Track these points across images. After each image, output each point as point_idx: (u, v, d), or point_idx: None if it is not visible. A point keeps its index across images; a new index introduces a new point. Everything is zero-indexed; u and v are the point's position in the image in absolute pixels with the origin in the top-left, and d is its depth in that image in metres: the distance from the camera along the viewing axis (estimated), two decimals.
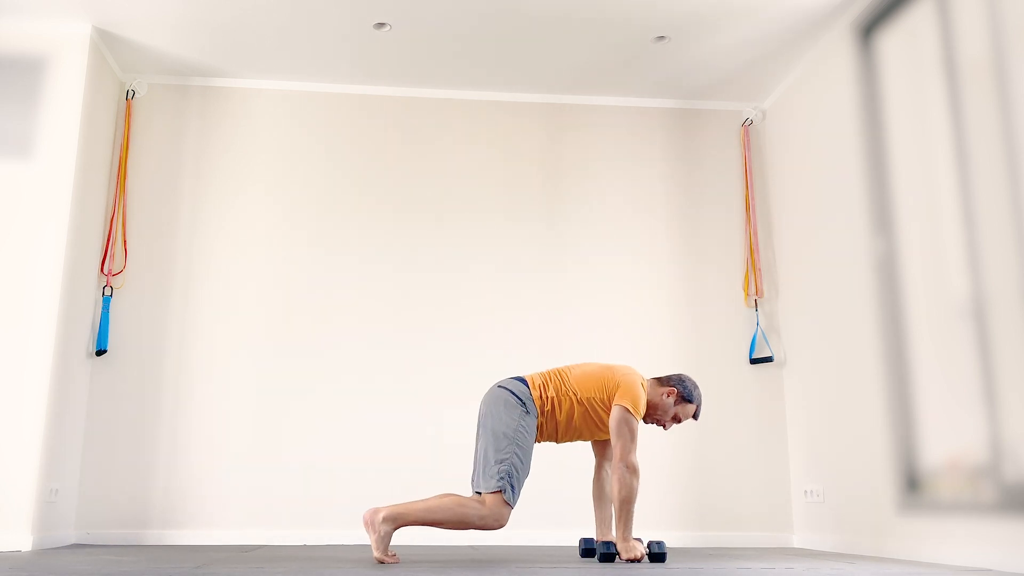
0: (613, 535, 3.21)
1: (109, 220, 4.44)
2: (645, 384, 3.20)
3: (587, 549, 3.31)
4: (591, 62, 4.51)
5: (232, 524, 4.20)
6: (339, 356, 4.45)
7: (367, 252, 4.59)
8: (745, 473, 4.47)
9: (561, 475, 4.25)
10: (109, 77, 4.47)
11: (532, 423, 3.08)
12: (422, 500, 2.99)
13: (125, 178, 4.51)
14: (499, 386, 3.18)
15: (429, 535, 4.18)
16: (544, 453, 4.40)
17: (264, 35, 4.26)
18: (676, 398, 3.22)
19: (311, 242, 4.58)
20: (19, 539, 3.57)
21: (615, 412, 3.05)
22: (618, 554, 3.05)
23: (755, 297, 4.67)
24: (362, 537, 4.18)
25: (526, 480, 3.06)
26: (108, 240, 4.40)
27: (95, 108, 4.25)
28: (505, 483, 2.96)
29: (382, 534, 2.90)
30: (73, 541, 4.08)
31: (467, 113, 4.84)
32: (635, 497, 3.04)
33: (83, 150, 4.09)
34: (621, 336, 4.60)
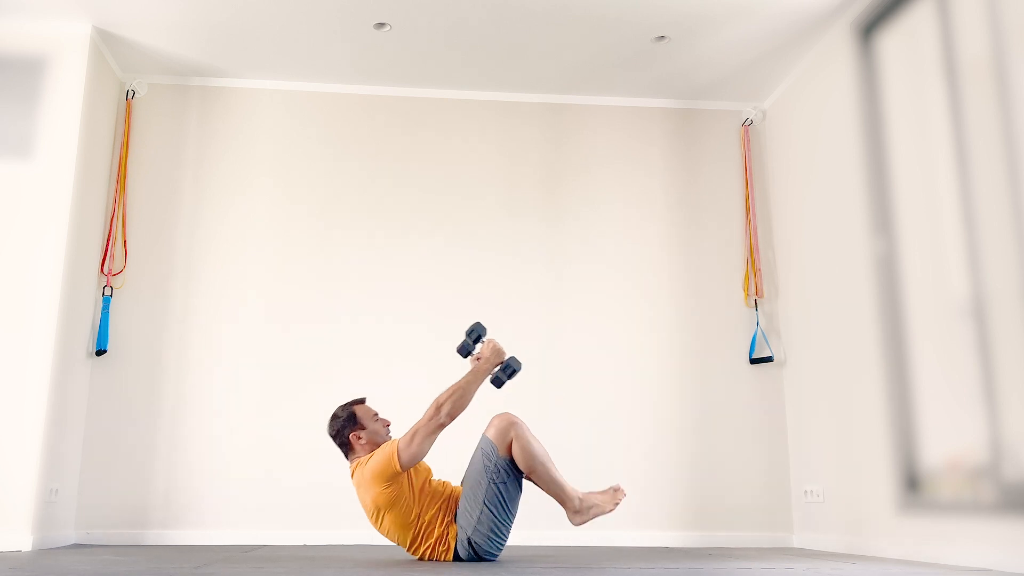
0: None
1: (109, 220, 4.44)
2: (358, 459, 3.06)
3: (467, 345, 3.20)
4: (591, 62, 4.51)
5: (232, 524, 4.20)
6: (339, 356, 4.45)
7: (367, 252, 4.59)
8: (745, 473, 4.47)
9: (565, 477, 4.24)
10: (109, 77, 4.47)
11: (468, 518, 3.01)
12: (544, 488, 3.03)
13: (125, 178, 4.51)
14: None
15: None
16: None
17: (264, 35, 4.26)
18: (357, 428, 3.08)
19: (311, 242, 4.58)
20: (19, 539, 3.57)
21: (404, 459, 2.92)
22: (505, 364, 3.06)
23: (755, 297, 4.67)
24: (362, 537, 4.19)
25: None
26: (108, 240, 4.40)
27: (95, 108, 4.25)
28: (491, 466, 2.99)
29: (590, 510, 2.98)
30: (73, 541, 4.08)
31: (467, 113, 4.84)
32: (452, 389, 3.00)
33: (83, 150, 4.09)
34: (621, 335, 4.60)
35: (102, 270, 4.37)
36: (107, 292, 4.34)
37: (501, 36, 4.26)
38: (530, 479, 3.10)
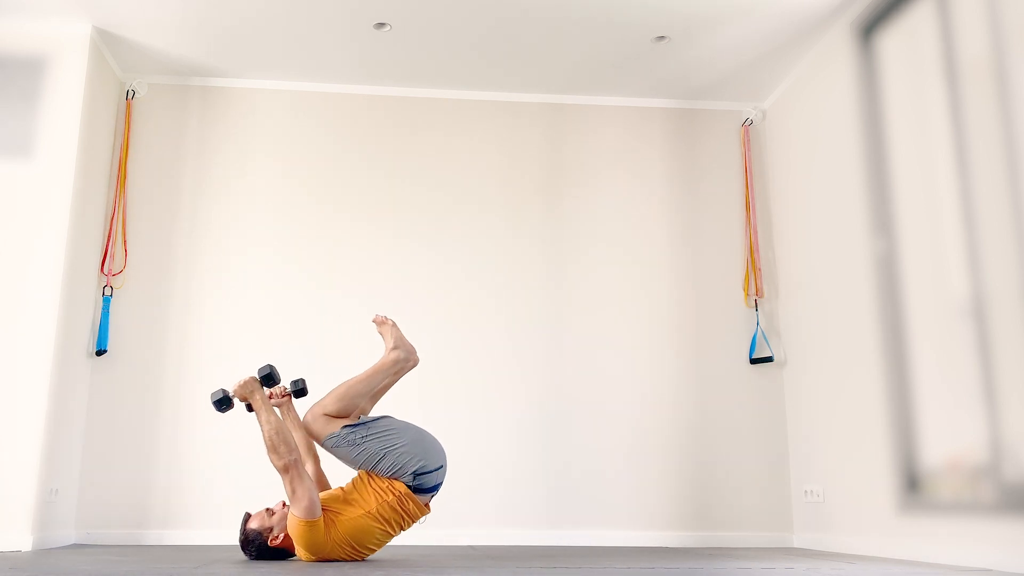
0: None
1: (109, 220, 4.44)
2: (271, 516, 3.07)
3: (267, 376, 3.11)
4: (591, 62, 4.51)
5: (232, 524, 4.18)
6: (338, 356, 4.45)
7: (367, 251, 4.59)
8: (745, 473, 4.47)
9: (567, 477, 4.24)
10: (109, 77, 4.47)
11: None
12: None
13: (125, 178, 4.51)
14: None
15: (431, 536, 4.18)
16: (544, 456, 4.40)
17: (264, 35, 4.26)
18: (266, 531, 3.04)
19: (311, 242, 4.58)
20: (19, 539, 3.57)
21: (293, 522, 2.91)
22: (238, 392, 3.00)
23: (755, 297, 4.67)
24: None
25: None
26: (108, 240, 4.40)
27: (95, 108, 4.25)
28: (368, 432, 3.03)
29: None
30: (73, 541, 4.08)
31: (467, 113, 4.84)
32: (268, 433, 2.93)
33: (83, 150, 4.09)
34: (621, 335, 4.60)
35: (102, 270, 4.37)
36: (107, 292, 4.34)
37: (501, 36, 4.26)
38: (356, 415, 3.12)
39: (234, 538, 4.15)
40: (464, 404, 4.43)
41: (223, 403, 3.02)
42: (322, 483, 3.23)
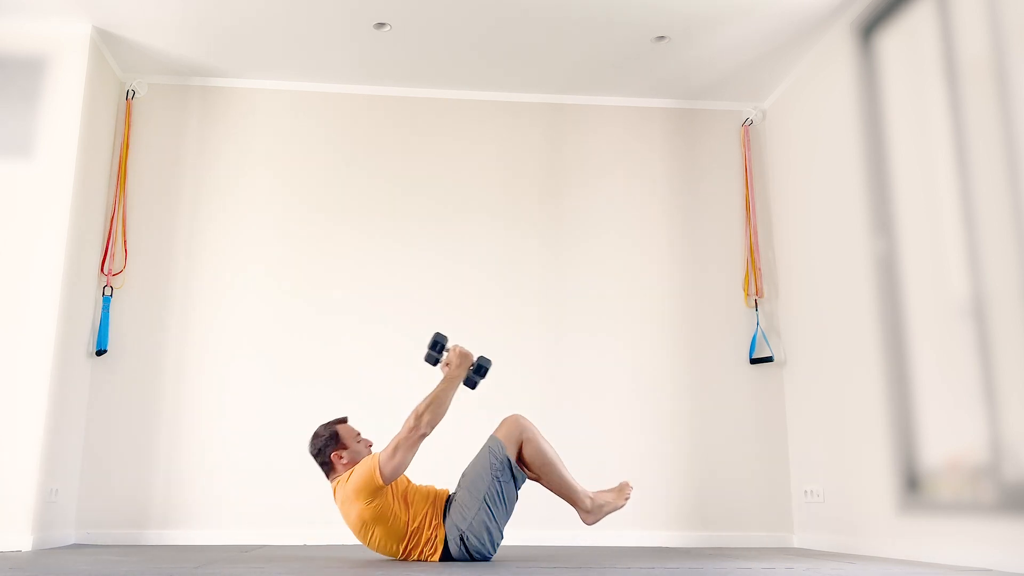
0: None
1: (109, 220, 4.44)
2: (339, 478, 3.05)
3: (437, 344, 3.15)
4: (591, 62, 4.51)
5: (232, 524, 4.20)
6: (338, 356, 4.45)
7: (366, 251, 4.59)
8: (745, 473, 4.47)
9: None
10: (109, 77, 4.47)
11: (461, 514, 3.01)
12: (554, 489, 3.06)
13: (125, 178, 4.51)
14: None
15: None
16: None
17: (264, 35, 4.26)
18: (339, 447, 3.07)
19: (311, 242, 4.58)
20: (19, 539, 3.57)
21: (386, 472, 2.90)
22: (476, 366, 3.05)
23: (755, 297, 4.67)
24: None
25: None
26: (108, 240, 4.40)
27: (95, 108, 4.25)
28: (500, 454, 3.02)
29: (602, 507, 3.00)
30: (73, 541, 4.08)
31: (467, 113, 4.84)
32: (428, 399, 2.98)
33: (83, 150, 4.09)
34: (621, 335, 4.60)
35: (102, 270, 4.37)
36: (107, 292, 4.34)
37: (501, 36, 4.26)
38: (539, 481, 3.11)
39: (234, 538, 4.16)
40: (465, 404, 4.42)
41: (438, 349, 3.08)
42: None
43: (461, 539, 2.98)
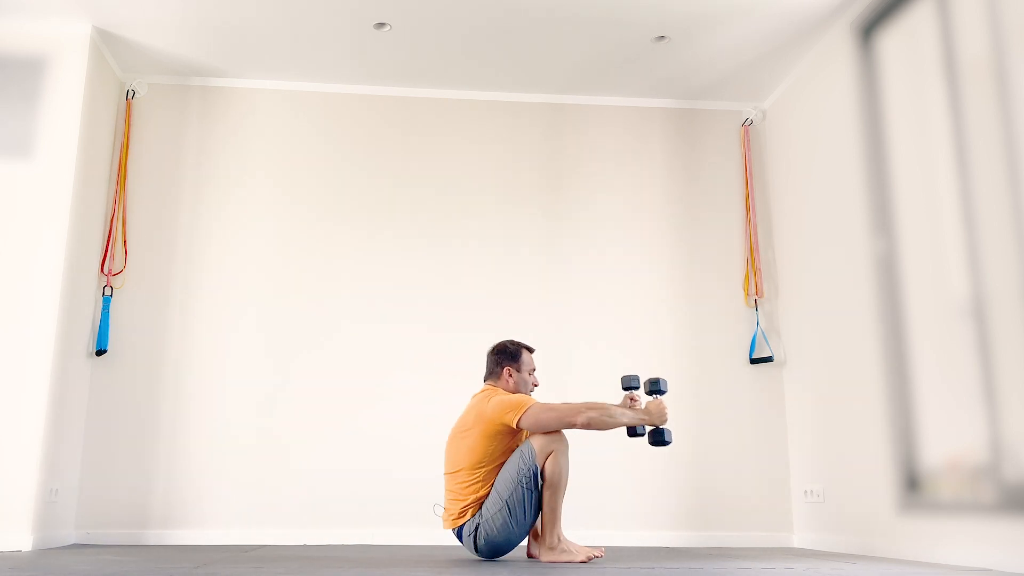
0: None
1: (109, 220, 4.44)
2: (495, 387, 3.17)
3: (631, 387, 3.20)
4: (591, 62, 4.51)
5: (232, 524, 4.20)
6: (338, 357, 4.45)
7: (366, 251, 4.59)
8: (745, 473, 4.47)
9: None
10: (109, 77, 4.47)
11: (483, 510, 3.05)
12: (543, 509, 3.04)
13: (125, 178, 4.51)
14: (476, 553, 3.14)
15: (431, 536, 4.18)
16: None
17: (264, 35, 4.26)
18: (514, 368, 3.21)
19: (311, 242, 4.58)
20: (19, 539, 3.57)
21: (526, 423, 2.98)
22: (659, 425, 3.05)
23: (755, 297, 4.67)
24: (362, 537, 4.19)
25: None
26: (108, 240, 4.40)
27: (95, 108, 4.25)
28: (530, 465, 2.98)
29: (562, 554, 2.98)
30: (73, 541, 4.08)
31: (467, 113, 4.84)
32: (608, 407, 3.02)
33: (83, 150, 4.09)
34: (621, 335, 4.60)
35: (102, 270, 4.37)
36: (107, 292, 4.34)
37: (501, 36, 4.26)
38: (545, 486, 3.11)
39: (234, 538, 4.16)
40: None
41: (656, 390, 3.11)
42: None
43: (476, 528, 3.02)
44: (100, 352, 4.27)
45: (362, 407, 4.40)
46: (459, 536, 3.11)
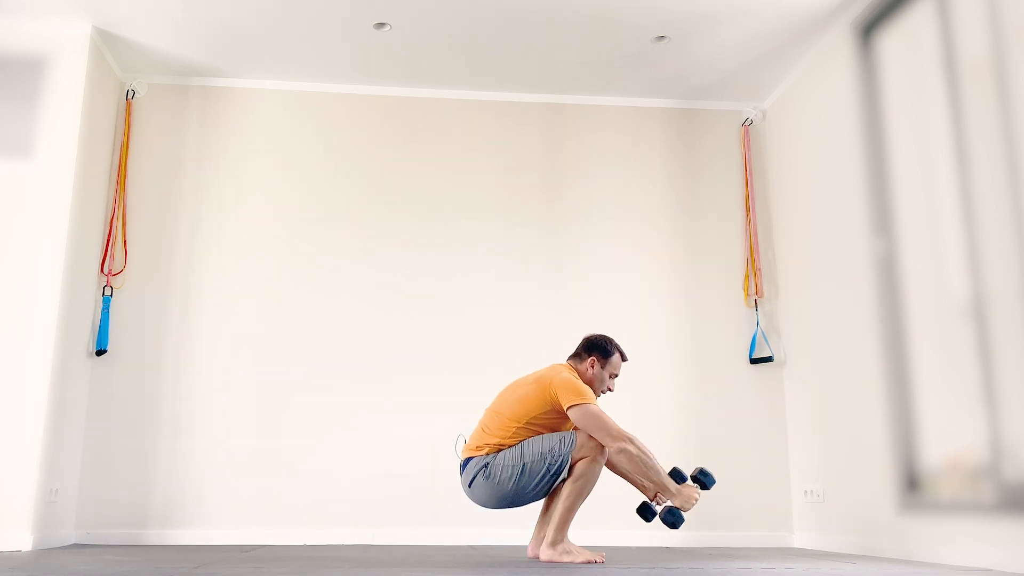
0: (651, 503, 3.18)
1: (109, 220, 4.44)
2: (574, 368, 3.23)
3: (647, 510, 3.20)
4: (591, 62, 4.51)
5: (232, 524, 4.20)
6: (338, 357, 4.45)
7: (367, 252, 4.59)
8: (745, 473, 4.47)
9: None
10: (109, 77, 4.47)
11: (503, 456, 3.09)
12: (557, 504, 3.03)
13: (125, 178, 4.51)
14: (467, 487, 3.16)
15: (431, 536, 4.18)
16: None
17: (264, 35, 4.26)
18: (600, 362, 3.25)
19: (311, 242, 4.58)
20: (19, 539, 3.57)
21: (573, 414, 3.03)
22: (681, 509, 3.05)
23: (755, 297, 4.67)
24: (362, 537, 4.19)
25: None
26: (108, 240, 4.40)
27: (95, 108, 4.25)
28: (564, 452, 3.01)
29: (563, 554, 2.97)
30: (73, 541, 4.08)
31: (467, 113, 4.84)
32: (650, 453, 3.07)
33: (83, 150, 4.09)
34: (620, 335, 4.59)
35: (102, 270, 4.37)
36: (107, 292, 4.34)
37: (501, 36, 4.26)
38: (569, 483, 3.10)
39: (234, 538, 4.16)
40: (465, 406, 4.42)
41: (703, 482, 3.13)
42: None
43: (485, 466, 3.07)
44: (100, 352, 4.27)
45: (362, 407, 4.40)
46: (464, 466, 3.15)
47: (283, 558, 3.14)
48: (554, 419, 3.12)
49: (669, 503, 3.10)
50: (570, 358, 3.32)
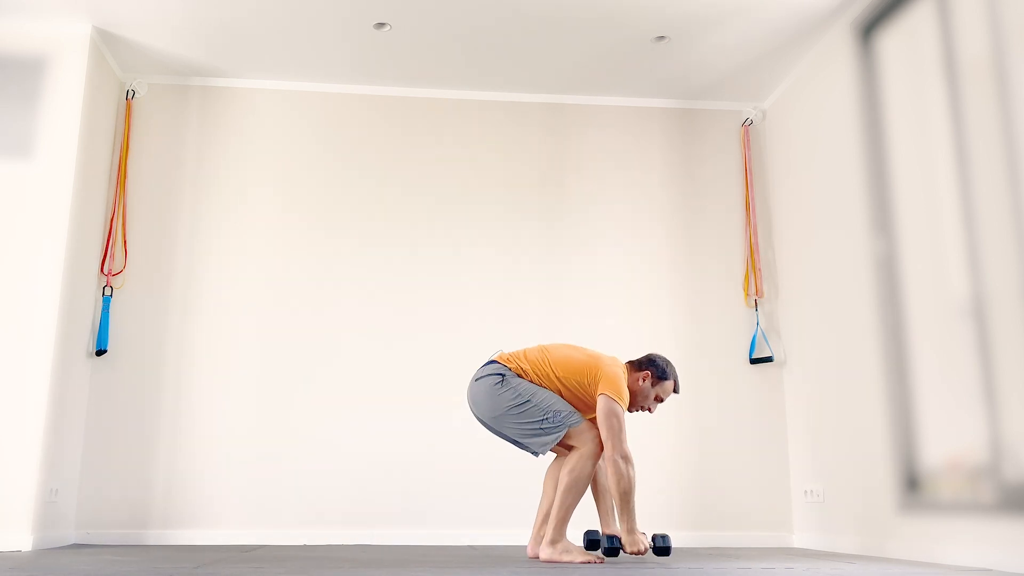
0: (617, 528, 3.21)
1: (109, 220, 4.44)
2: (626, 370, 3.24)
3: (592, 541, 3.29)
4: (591, 62, 4.51)
5: (232, 524, 4.20)
6: (339, 356, 4.45)
7: (367, 252, 4.59)
8: (745, 473, 4.47)
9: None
10: (109, 77, 4.47)
11: (520, 382, 3.15)
12: (551, 503, 3.08)
13: (125, 178, 4.51)
14: (475, 380, 3.24)
15: (431, 536, 4.18)
16: (545, 456, 4.40)
17: (264, 35, 4.26)
18: (652, 380, 3.26)
19: (311, 242, 4.58)
20: (19, 539, 3.57)
21: (601, 403, 3.06)
22: (623, 547, 3.05)
23: (755, 297, 4.67)
24: (362, 537, 4.19)
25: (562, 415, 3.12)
26: (108, 240, 4.40)
27: (95, 108, 4.25)
28: (563, 422, 3.05)
29: (563, 553, 2.98)
30: (73, 541, 4.08)
31: (467, 113, 4.84)
32: (634, 487, 3.05)
33: (83, 150, 4.09)
34: (621, 336, 4.60)
35: (102, 270, 4.37)
36: (107, 292, 4.34)
37: (501, 36, 4.26)
38: (563, 478, 3.12)
39: (234, 538, 4.16)
40: (465, 406, 4.42)
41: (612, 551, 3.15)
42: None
43: (503, 379, 3.17)
44: (100, 352, 4.27)
45: (362, 407, 4.40)
46: (487, 364, 3.24)
47: (283, 558, 3.14)
48: (580, 395, 3.16)
49: (615, 535, 3.13)
50: (629, 361, 3.33)
